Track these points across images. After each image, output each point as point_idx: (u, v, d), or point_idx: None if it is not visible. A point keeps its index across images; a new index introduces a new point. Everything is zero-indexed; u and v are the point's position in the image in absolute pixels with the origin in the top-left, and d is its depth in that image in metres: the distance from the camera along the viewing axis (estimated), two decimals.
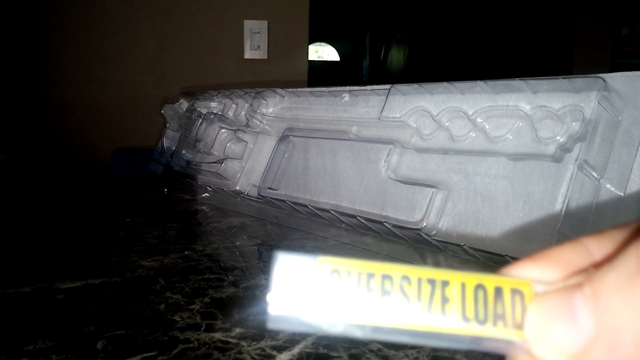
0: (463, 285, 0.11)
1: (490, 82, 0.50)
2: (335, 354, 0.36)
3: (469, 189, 0.52)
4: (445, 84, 0.54)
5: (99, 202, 0.88)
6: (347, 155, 0.65)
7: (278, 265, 0.12)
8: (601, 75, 0.43)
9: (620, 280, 0.09)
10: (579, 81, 0.44)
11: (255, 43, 1.36)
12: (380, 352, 0.36)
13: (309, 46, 1.53)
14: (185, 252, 0.58)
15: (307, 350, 0.36)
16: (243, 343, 0.37)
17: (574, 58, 2.32)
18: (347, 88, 0.66)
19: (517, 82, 0.48)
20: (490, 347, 0.11)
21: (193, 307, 0.43)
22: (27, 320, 0.41)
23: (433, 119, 0.56)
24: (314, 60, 5.96)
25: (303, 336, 0.38)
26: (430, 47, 4.44)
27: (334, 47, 6.20)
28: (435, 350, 0.36)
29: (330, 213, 0.64)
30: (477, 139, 0.52)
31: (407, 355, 0.36)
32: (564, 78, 0.45)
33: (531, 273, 0.11)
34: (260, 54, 1.37)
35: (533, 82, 0.47)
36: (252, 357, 0.35)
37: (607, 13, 2.27)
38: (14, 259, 0.56)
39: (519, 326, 0.11)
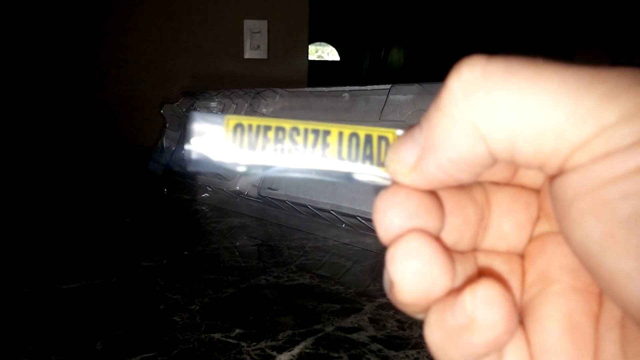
0: (340, 134, 0.14)
1: None
2: (335, 354, 0.36)
3: None
4: None
5: (99, 202, 0.88)
6: None
7: (193, 121, 0.13)
8: None
9: (435, 103, 0.12)
10: None
11: (255, 43, 1.36)
12: (381, 353, 0.36)
13: (309, 46, 1.53)
14: (185, 252, 0.58)
15: (307, 350, 0.36)
16: (243, 343, 0.37)
17: (574, 58, 2.32)
18: (347, 88, 0.66)
19: None
20: (360, 181, 0.14)
21: (193, 307, 0.43)
22: (27, 320, 0.41)
23: None
24: (314, 60, 5.96)
25: (303, 336, 0.38)
26: (430, 47, 4.44)
27: (334, 47, 6.19)
28: None
29: (330, 213, 0.64)
30: None
31: (407, 356, 0.35)
32: None
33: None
34: (260, 53, 1.37)
35: None
36: (252, 358, 0.35)
37: (608, 13, 2.27)
38: (14, 259, 0.56)
39: (382, 164, 0.14)
